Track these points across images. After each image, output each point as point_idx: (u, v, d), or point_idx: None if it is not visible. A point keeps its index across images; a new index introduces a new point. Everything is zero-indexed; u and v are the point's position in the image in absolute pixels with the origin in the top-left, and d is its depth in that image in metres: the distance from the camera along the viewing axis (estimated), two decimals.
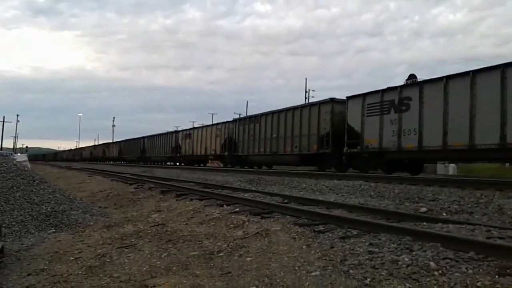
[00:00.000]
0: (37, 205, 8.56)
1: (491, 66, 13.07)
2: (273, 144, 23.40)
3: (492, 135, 12.47)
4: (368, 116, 17.18)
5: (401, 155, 16.05)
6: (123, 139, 60.43)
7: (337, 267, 4.09)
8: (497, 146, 12.39)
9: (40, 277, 4.95)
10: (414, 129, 15.02)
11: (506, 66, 12.43)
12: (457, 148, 13.69)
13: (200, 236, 6.10)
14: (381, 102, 16.56)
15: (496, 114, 12.40)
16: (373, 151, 16.90)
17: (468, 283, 3.35)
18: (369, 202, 8.70)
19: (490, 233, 4.89)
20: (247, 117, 28.63)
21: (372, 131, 16.84)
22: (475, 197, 8.38)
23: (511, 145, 12.03)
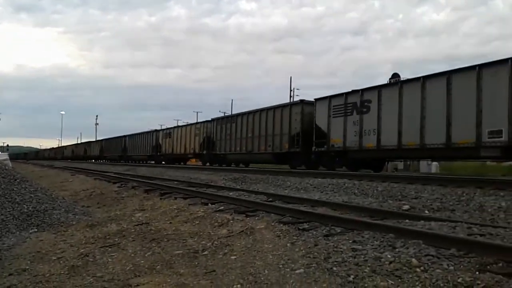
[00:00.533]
0: (19, 204, 8.44)
1: (438, 73, 14.33)
2: (249, 143, 24.46)
3: (440, 135, 13.65)
4: (333, 117, 18.33)
5: (362, 154, 17.17)
6: (105, 138, 60.57)
7: (321, 264, 4.12)
8: (443, 145, 13.59)
9: (21, 277, 4.88)
10: (374, 129, 16.16)
11: (451, 73, 13.77)
12: (410, 147, 14.85)
13: (184, 235, 6.08)
14: (345, 104, 17.78)
15: (443, 116, 13.60)
16: (338, 150, 18.04)
17: (449, 279, 3.40)
18: (353, 200, 8.78)
19: (471, 230, 4.97)
20: (224, 117, 29.83)
21: (337, 131, 17.99)
22: (457, 194, 8.51)
23: (456, 144, 13.26)
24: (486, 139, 12.44)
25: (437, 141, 13.80)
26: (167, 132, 38.12)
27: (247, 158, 25.98)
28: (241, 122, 25.57)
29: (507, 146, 11.97)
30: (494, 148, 12.54)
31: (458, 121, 13.28)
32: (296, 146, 20.63)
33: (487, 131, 12.38)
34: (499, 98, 12.18)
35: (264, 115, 23.38)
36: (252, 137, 24.13)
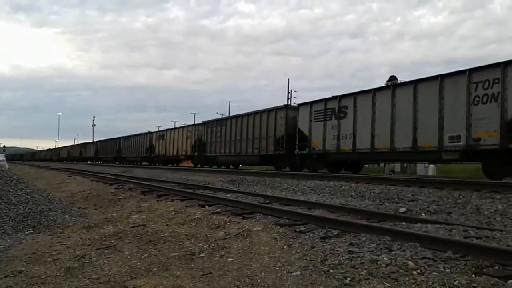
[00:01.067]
0: (15, 206, 8.40)
1: (406, 82, 15.64)
2: (237, 145, 25.60)
3: (407, 139, 14.92)
4: (314, 122, 19.59)
5: (340, 156, 18.43)
6: (100, 140, 61.99)
7: (318, 267, 4.12)
8: (410, 149, 14.84)
9: (17, 279, 4.86)
10: (350, 133, 17.40)
11: (417, 82, 15.02)
12: (382, 151, 16.03)
13: (181, 237, 6.07)
14: (324, 110, 19.09)
15: (410, 122, 14.85)
16: (318, 153, 19.28)
17: (446, 282, 3.40)
18: (350, 202, 8.78)
19: (467, 233, 4.98)
20: (214, 120, 30.75)
21: (317, 135, 19.26)
22: (453, 197, 8.52)
23: (421, 148, 14.51)
24: (447, 144, 13.60)
25: (405, 145, 15.01)
26: (160, 134, 39.06)
27: (236, 160, 27.00)
28: (230, 126, 26.68)
29: (465, 150, 13.25)
30: (454, 152, 13.65)
31: (423, 127, 14.38)
32: (281, 148, 21.69)
33: (448, 136, 13.56)
34: (458, 106, 13.32)
35: (252, 119, 24.49)
36: (241, 139, 25.21)
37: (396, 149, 15.36)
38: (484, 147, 12.74)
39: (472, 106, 12.95)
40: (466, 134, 13.04)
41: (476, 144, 12.87)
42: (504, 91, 12.16)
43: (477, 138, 12.82)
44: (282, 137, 21.70)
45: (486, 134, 12.59)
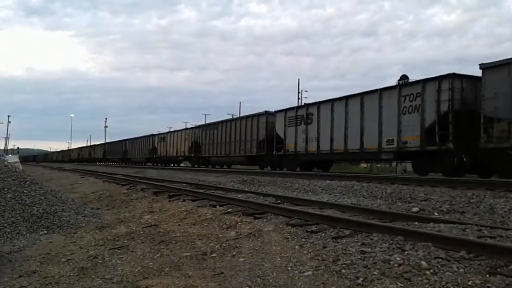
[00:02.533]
0: (29, 207, 8.50)
1: (355, 94, 18.18)
2: (227, 147, 28.21)
3: (356, 142, 17.60)
4: (288, 127, 22.22)
5: (308, 157, 21.02)
6: (107, 142, 65.20)
7: (330, 267, 4.11)
8: (359, 150, 17.55)
9: (31, 279, 4.92)
10: (315, 137, 20.07)
11: (363, 94, 17.62)
12: (338, 152, 18.77)
13: (192, 237, 6.10)
14: (296, 116, 21.72)
15: (358, 128, 17.51)
16: (291, 154, 21.87)
17: (459, 282, 3.38)
18: (361, 202, 8.74)
19: (481, 233, 4.93)
20: (208, 124, 34.10)
21: (290, 138, 21.83)
22: (467, 197, 8.44)
23: (366, 149, 17.22)
24: (384, 146, 16.31)
25: (355, 147, 17.73)
26: (162, 136, 41.46)
27: (226, 160, 29.34)
28: (221, 129, 29.22)
29: (397, 151, 15.98)
30: (389, 153, 16.38)
31: (368, 132, 17.07)
32: (262, 150, 24.28)
33: (385, 140, 16.20)
34: (392, 115, 15.98)
35: (238, 123, 27.25)
36: (230, 142, 27.83)
37: (348, 150, 18.11)
38: (409, 148, 15.42)
39: (402, 115, 15.66)
40: (397, 138, 15.74)
41: (404, 146, 15.59)
42: (423, 103, 14.87)
43: (405, 142, 15.50)
44: (263, 140, 24.31)
45: (411, 138, 15.23)
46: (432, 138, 14.40)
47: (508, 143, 12.11)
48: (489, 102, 12.75)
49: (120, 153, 53.42)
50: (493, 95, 12.67)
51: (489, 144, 12.69)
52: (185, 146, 35.45)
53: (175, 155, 37.30)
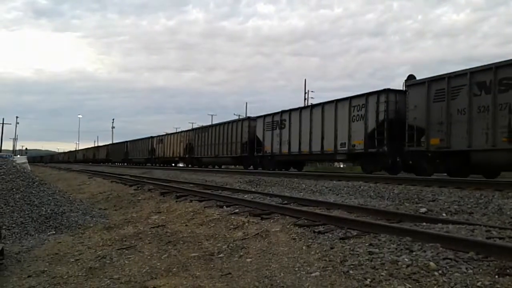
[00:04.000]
0: (37, 207, 8.56)
1: (318, 103, 21.01)
2: (216, 149, 30.83)
3: (318, 145, 20.10)
4: (266, 131, 24.71)
5: (282, 157, 23.53)
6: (110, 143, 67.48)
7: (337, 267, 4.10)
8: (320, 152, 20.10)
9: (40, 279, 4.95)
10: (287, 140, 22.47)
11: (324, 104, 20.31)
12: (305, 153, 21.24)
13: (200, 237, 6.11)
14: (272, 122, 24.25)
15: (320, 133, 20.05)
16: (269, 155, 24.38)
17: (468, 283, 3.36)
18: (368, 203, 8.72)
19: (490, 233, 4.90)
20: (200, 127, 37.13)
21: (268, 141, 24.43)
22: (475, 197, 8.38)
23: (326, 151, 19.69)
24: (339, 149, 18.87)
25: (317, 149, 20.20)
26: (160, 138, 44.01)
27: (215, 161, 32.03)
28: (211, 133, 31.92)
29: (348, 153, 18.58)
30: (343, 154, 18.96)
31: (327, 136, 19.61)
32: (245, 151, 26.86)
33: (339, 143, 18.77)
34: (344, 122, 18.54)
35: (226, 127, 29.83)
36: (218, 144, 30.43)
37: (312, 152, 20.53)
38: (357, 151, 18.00)
39: (351, 123, 18.24)
40: (348, 142, 18.32)
41: (353, 149, 18.11)
42: (367, 113, 17.40)
43: (354, 145, 18.07)
44: (246, 142, 26.90)
45: (358, 142, 17.84)
46: (372, 142, 16.98)
47: (424, 147, 14.82)
48: (411, 113, 15.48)
49: (122, 154, 55.68)
50: (414, 107, 15.34)
51: (411, 148, 15.40)
52: (180, 148, 37.98)
53: (172, 156, 39.91)
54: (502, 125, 12.37)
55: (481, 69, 13.19)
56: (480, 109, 13.02)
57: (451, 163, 14.33)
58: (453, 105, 13.81)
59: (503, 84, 12.43)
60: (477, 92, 13.12)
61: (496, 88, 12.58)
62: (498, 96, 12.52)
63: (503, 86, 12.42)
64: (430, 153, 14.78)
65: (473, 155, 13.44)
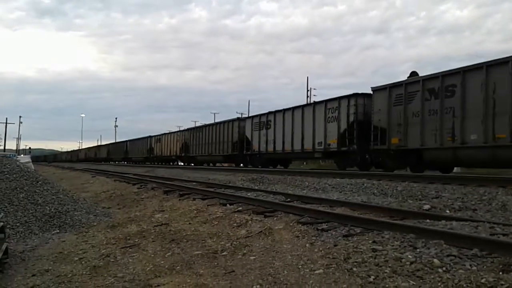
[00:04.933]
0: (41, 206, 8.58)
1: (299, 105, 22.93)
2: (209, 147, 32.82)
3: (299, 144, 21.82)
4: (254, 131, 26.43)
5: (268, 156, 25.18)
6: (110, 142, 70.19)
7: (341, 265, 4.09)
8: (300, 150, 21.82)
9: (44, 278, 4.97)
10: (272, 140, 24.24)
11: (304, 106, 22.73)
12: (288, 151, 22.93)
13: (203, 236, 6.12)
14: (259, 122, 25.96)
15: (300, 133, 21.72)
16: (256, 153, 26.13)
17: (472, 279, 3.35)
18: (372, 200, 8.71)
19: (493, 230, 4.89)
20: (195, 127, 38.85)
21: (256, 140, 26.16)
22: (478, 194, 8.36)
23: (306, 150, 21.38)
24: (316, 147, 20.61)
25: (298, 148, 21.88)
26: (158, 138, 45.78)
27: (209, 159, 33.64)
28: (205, 132, 33.91)
29: (324, 151, 20.35)
30: (320, 152, 20.74)
31: (306, 136, 21.30)
32: (236, 150, 28.68)
33: (317, 142, 20.50)
34: (321, 123, 20.32)
35: (218, 127, 31.81)
36: (211, 143, 32.45)
37: (294, 150, 22.25)
38: (331, 149, 19.73)
39: (327, 124, 19.99)
40: (324, 141, 20.04)
41: (328, 148, 19.86)
42: (339, 115, 19.20)
43: (329, 144, 19.78)
44: (236, 141, 28.68)
45: (332, 141, 19.60)
46: (344, 141, 18.73)
47: (386, 146, 16.43)
48: (376, 115, 17.07)
49: (122, 153, 57.58)
50: (378, 110, 16.94)
51: (376, 146, 16.98)
52: (177, 147, 39.94)
53: (169, 154, 41.84)
54: (447, 126, 13.99)
55: (431, 77, 14.82)
56: (430, 112, 14.68)
57: (408, 160, 15.95)
58: (409, 108, 15.51)
59: (449, 90, 14.06)
60: (428, 97, 14.76)
61: (443, 94, 14.21)
62: (445, 100, 14.16)
63: (449, 92, 14.06)
64: (392, 151, 16.39)
65: (425, 153, 15.08)
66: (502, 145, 12.46)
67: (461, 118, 13.54)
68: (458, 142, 13.61)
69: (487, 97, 12.74)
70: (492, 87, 12.66)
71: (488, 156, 13.22)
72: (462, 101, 13.50)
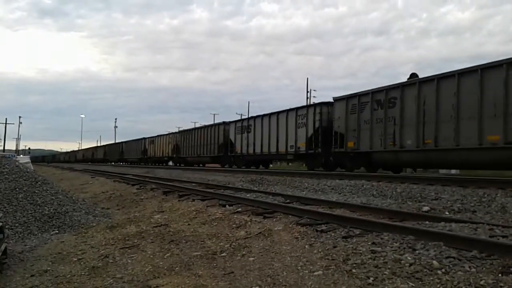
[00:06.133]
0: (40, 206, 8.57)
1: (275, 112, 24.52)
2: (198, 149, 35.06)
3: (274, 147, 23.92)
4: (237, 134, 28.61)
5: (249, 157, 27.26)
6: (107, 144, 72.56)
7: (340, 266, 4.09)
8: (276, 152, 23.95)
9: (43, 278, 4.96)
10: (253, 142, 26.32)
11: (278, 113, 24.08)
12: (265, 154, 25.10)
13: (202, 236, 6.11)
14: (241, 126, 28.14)
15: (275, 136, 23.89)
16: (239, 155, 28.20)
17: (472, 281, 3.35)
18: (371, 202, 8.71)
19: (493, 232, 4.89)
20: (185, 130, 40.79)
21: (238, 143, 28.27)
22: (478, 195, 8.36)
23: (280, 152, 23.36)
24: (289, 150, 22.72)
25: (274, 150, 24.07)
26: (151, 140, 47.77)
27: (198, 160, 35.77)
28: (194, 135, 36.20)
29: (295, 154, 22.37)
30: (291, 154, 22.84)
31: (281, 139, 23.43)
32: (221, 152, 30.84)
33: (289, 145, 22.67)
34: (292, 129, 22.44)
35: (206, 130, 34.16)
36: (200, 145, 34.65)
37: (271, 152, 24.41)
38: (301, 152, 21.82)
39: (297, 129, 22.06)
40: (295, 145, 22.14)
41: (299, 150, 21.92)
42: (307, 121, 21.33)
43: (299, 147, 21.90)
44: (222, 144, 30.82)
45: (301, 144, 21.68)
46: (311, 145, 20.91)
47: (344, 149, 18.66)
48: (336, 122, 19.34)
49: (118, 154, 59.63)
50: (338, 118, 19.18)
51: (336, 149, 19.27)
52: (169, 148, 42.07)
53: (162, 155, 44.06)
54: (390, 132, 16.15)
55: (378, 90, 17.00)
56: (377, 120, 16.88)
57: (361, 161, 18.26)
58: (362, 116, 17.71)
59: (391, 102, 16.27)
60: (376, 107, 16.97)
61: (387, 105, 16.42)
62: (388, 111, 16.36)
63: (391, 104, 16.25)
64: (349, 153, 18.61)
65: (373, 155, 17.32)
66: (430, 149, 14.56)
67: (400, 126, 15.75)
68: (398, 146, 15.81)
69: (419, 108, 14.94)
70: (423, 100, 14.87)
71: (420, 158, 15.45)
72: (401, 111, 15.72)
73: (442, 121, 14.07)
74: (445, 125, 13.96)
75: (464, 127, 13.29)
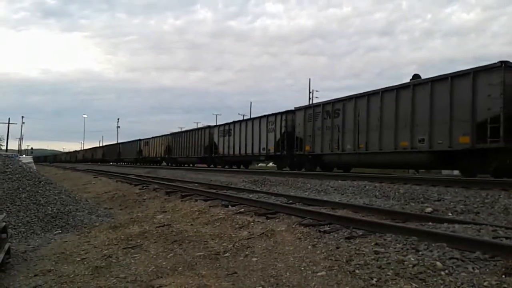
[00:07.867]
0: (43, 206, 8.60)
1: (250, 118, 29.52)
2: (187, 150, 38.26)
3: (250, 149, 27.17)
4: (220, 137, 31.85)
5: (230, 158, 30.41)
6: (105, 144, 76.20)
7: (343, 267, 4.09)
8: (251, 154, 26.99)
9: (46, 278, 4.97)
10: (233, 145, 29.59)
11: (254, 119, 28.00)
12: (243, 155, 28.21)
13: (205, 237, 6.12)
14: (224, 130, 31.37)
15: (250, 139, 27.10)
16: (221, 156, 31.43)
17: (475, 282, 3.35)
18: (374, 203, 8.70)
19: (496, 233, 4.88)
20: (176, 132, 43.82)
21: (221, 145, 31.58)
22: (481, 197, 8.34)
23: (254, 154, 26.76)
24: (261, 152, 25.95)
25: (249, 152, 27.17)
26: (146, 141, 50.44)
27: (187, 160, 38.61)
28: (184, 137, 39.37)
29: (267, 155, 25.74)
30: (263, 156, 26.14)
31: (255, 143, 26.62)
32: (207, 153, 33.99)
33: (261, 148, 25.82)
34: (264, 133, 25.59)
35: (194, 133, 37.42)
36: (189, 147, 37.86)
37: (247, 154, 27.59)
38: (271, 154, 25.17)
39: (268, 133, 25.30)
40: (266, 147, 25.39)
41: (269, 152, 25.13)
42: (275, 127, 24.65)
43: (269, 149, 25.10)
44: (207, 146, 34.03)
45: (271, 147, 24.94)
46: (278, 148, 24.21)
47: (303, 151, 21.91)
48: (297, 128, 22.67)
49: (115, 155, 62.08)
50: (298, 124, 22.48)
51: (297, 152, 22.55)
52: (162, 149, 44.81)
53: (155, 156, 46.73)
54: (335, 138, 19.72)
55: (327, 103, 20.66)
56: (327, 128, 20.41)
57: (316, 162, 21.54)
58: (316, 124, 21.14)
59: (336, 113, 19.87)
60: (326, 117, 20.50)
61: (333, 115, 20.00)
62: (334, 120, 19.93)
63: (336, 114, 19.85)
64: (306, 155, 21.81)
65: (324, 157, 20.80)
66: (362, 153, 18.11)
67: (342, 133, 19.29)
68: (340, 150, 19.33)
69: (355, 119, 18.45)
70: (358, 112, 18.37)
71: (356, 159, 18.98)
72: (343, 121, 19.24)
73: (371, 130, 17.57)
74: (373, 133, 17.47)
75: (385, 135, 16.81)
